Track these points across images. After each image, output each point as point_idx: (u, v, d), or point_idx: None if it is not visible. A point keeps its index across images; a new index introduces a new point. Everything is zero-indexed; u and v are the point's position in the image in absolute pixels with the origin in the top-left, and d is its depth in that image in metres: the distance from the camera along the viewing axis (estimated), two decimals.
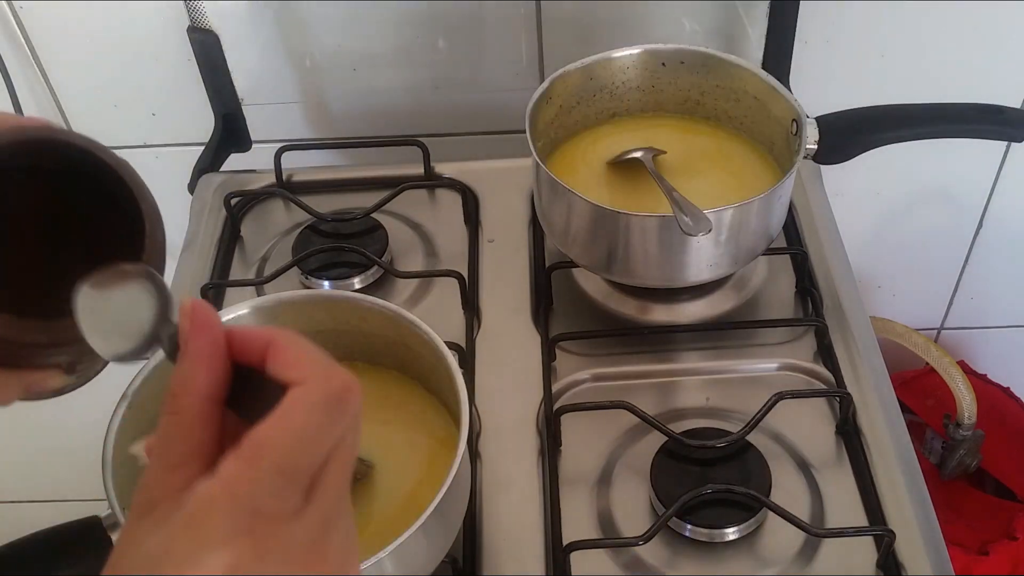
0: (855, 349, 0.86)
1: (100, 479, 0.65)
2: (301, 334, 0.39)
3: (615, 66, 0.93)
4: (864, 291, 1.05)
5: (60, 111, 1.16)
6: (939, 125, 0.87)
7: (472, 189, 1.02)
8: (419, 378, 0.76)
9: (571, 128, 0.95)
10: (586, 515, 0.77)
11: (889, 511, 0.74)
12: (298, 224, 0.99)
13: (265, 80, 1.11)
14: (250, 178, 1.06)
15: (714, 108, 0.95)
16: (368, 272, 0.93)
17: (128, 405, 0.69)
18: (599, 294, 0.92)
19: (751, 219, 0.82)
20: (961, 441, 1.30)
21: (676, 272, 0.84)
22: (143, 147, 1.19)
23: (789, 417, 0.81)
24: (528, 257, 0.96)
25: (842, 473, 0.78)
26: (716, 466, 0.76)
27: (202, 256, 0.98)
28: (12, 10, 1.07)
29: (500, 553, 0.74)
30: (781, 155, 0.90)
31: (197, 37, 1.04)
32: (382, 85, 1.12)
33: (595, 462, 0.80)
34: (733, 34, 1.08)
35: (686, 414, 0.83)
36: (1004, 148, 1.19)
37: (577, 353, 0.87)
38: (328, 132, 1.17)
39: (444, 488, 0.62)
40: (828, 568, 0.72)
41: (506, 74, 1.11)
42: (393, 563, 0.61)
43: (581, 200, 0.81)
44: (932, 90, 1.11)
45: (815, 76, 1.10)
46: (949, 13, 1.06)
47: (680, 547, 0.74)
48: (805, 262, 0.92)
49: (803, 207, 0.99)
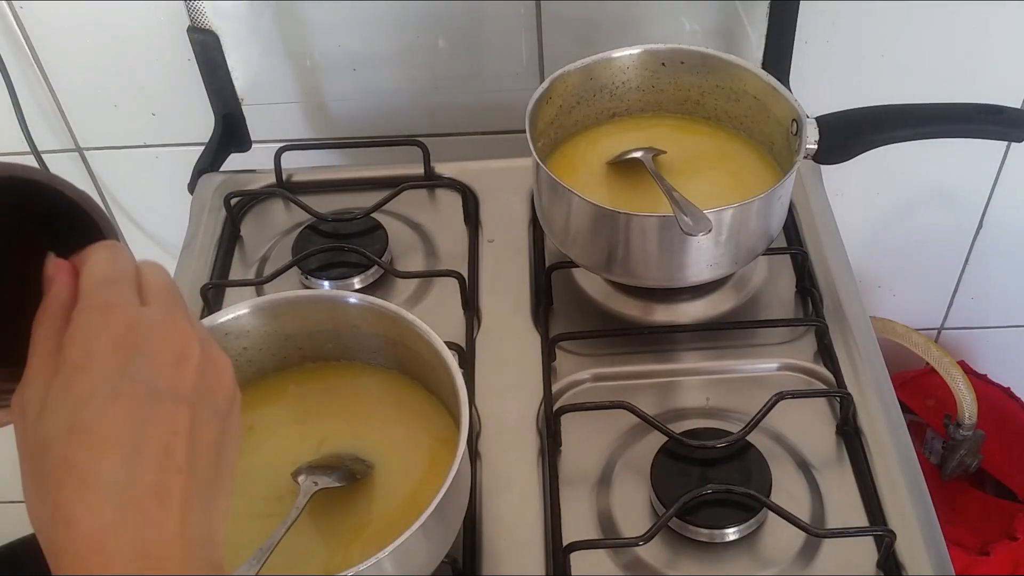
0: (855, 349, 0.86)
1: None
2: (301, 334, 0.42)
3: (615, 66, 0.93)
4: (864, 291, 1.05)
5: (60, 111, 1.16)
6: (939, 125, 0.87)
7: (472, 189, 1.02)
8: (419, 378, 0.76)
9: (571, 128, 0.95)
10: (586, 515, 0.76)
11: (889, 511, 0.74)
12: (298, 224, 0.99)
13: (265, 80, 1.11)
14: (250, 178, 1.06)
15: (714, 108, 0.95)
16: (368, 272, 0.93)
17: None
18: (599, 294, 0.92)
19: (751, 219, 0.82)
20: (962, 441, 1.30)
21: (676, 272, 0.84)
22: (143, 147, 1.20)
23: (789, 417, 0.81)
24: (528, 257, 0.95)
25: (842, 473, 0.78)
26: (716, 466, 0.76)
27: (202, 256, 0.98)
28: (12, 10, 1.07)
29: (500, 553, 0.74)
30: (781, 155, 0.90)
31: (197, 37, 1.04)
32: (382, 85, 1.12)
33: (595, 462, 0.80)
34: (733, 34, 1.08)
35: (686, 414, 0.83)
36: (1004, 148, 1.19)
37: (577, 353, 0.87)
38: (328, 132, 1.17)
39: (444, 488, 0.62)
40: (828, 568, 0.72)
41: (506, 74, 1.11)
42: (393, 563, 0.61)
43: (581, 200, 0.81)
44: (932, 90, 1.11)
45: (815, 76, 1.10)
46: (949, 13, 1.06)
47: (680, 547, 0.74)
48: (805, 262, 0.92)
49: (803, 207, 0.99)
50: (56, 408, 0.41)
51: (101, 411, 0.41)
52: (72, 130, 1.17)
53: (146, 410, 0.42)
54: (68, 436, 0.41)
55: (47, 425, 0.41)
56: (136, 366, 0.42)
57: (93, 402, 0.41)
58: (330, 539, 0.69)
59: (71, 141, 1.18)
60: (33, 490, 0.41)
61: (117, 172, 1.23)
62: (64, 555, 0.40)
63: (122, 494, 0.40)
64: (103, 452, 0.40)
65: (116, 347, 0.42)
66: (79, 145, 1.19)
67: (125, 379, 0.42)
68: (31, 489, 0.42)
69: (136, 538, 0.40)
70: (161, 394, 0.42)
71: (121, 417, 0.41)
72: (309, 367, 0.79)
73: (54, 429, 0.41)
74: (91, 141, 1.19)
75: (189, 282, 0.95)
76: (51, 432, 0.41)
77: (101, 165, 1.22)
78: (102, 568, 0.39)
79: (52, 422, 0.41)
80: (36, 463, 0.41)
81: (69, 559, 0.39)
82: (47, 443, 0.41)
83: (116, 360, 0.42)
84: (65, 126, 1.17)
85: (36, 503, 0.41)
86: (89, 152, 1.20)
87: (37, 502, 0.41)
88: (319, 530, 0.69)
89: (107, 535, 0.40)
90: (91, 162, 1.21)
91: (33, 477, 0.42)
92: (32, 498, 0.42)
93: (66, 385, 0.41)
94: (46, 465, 0.41)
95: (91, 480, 0.40)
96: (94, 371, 0.41)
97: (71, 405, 0.41)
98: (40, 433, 0.41)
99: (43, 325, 0.44)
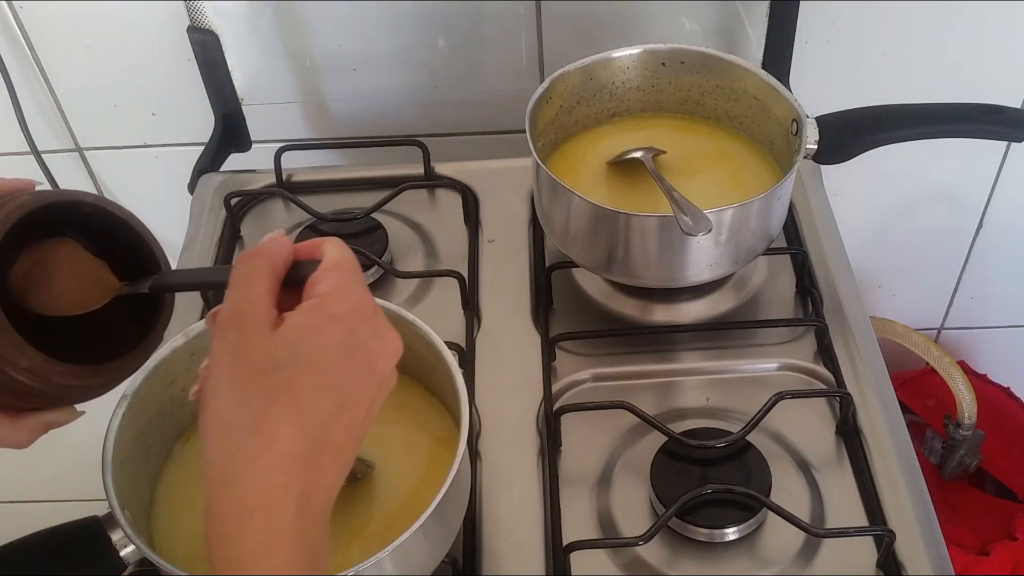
0: (855, 349, 0.86)
1: (100, 479, 0.65)
2: None
3: (615, 66, 0.93)
4: (864, 291, 1.05)
5: (60, 111, 1.16)
6: (939, 125, 0.87)
7: (472, 189, 1.02)
8: (419, 378, 0.76)
9: (571, 128, 0.95)
10: (586, 515, 0.77)
11: (889, 511, 0.74)
12: (298, 224, 0.99)
13: (265, 80, 1.11)
14: (250, 178, 1.06)
15: (714, 108, 0.95)
16: (368, 272, 0.93)
17: (128, 405, 0.69)
18: (599, 294, 0.92)
19: (751, 219, 0.82)
20: (961, 441, 1.30)
21: (676, 272, 0.84)
22: (143, 147, 1.19)
23: (789, 417, 0.81)
24: (528, 257, 0.95)
25: (842, 473, 0.78)
26: (716, 466, 0.76)
27: (202, 256, 0.98)
28: (12, 10, 1.07)
29: (500, 553, 0.74)
30: (781, 155, 0.90)
31: (197, 37, 1.04)
32: (382, 85, 1.12)
33: (595, 462, 0.80)
34: (733, 34, 1.08)
35: (686, 414, 0.83)
36: (1004, 148, 1.19)
37: (577, 353, 0.87)
38: (328, 132, 1.17)
39: (444, 488, 0.62)
40: (828, 568, 0.72)
41: (506, 74, 1.11)
42: (393, 563, 0.61)
43: (581, 200, 0.81)
44: (932, 90, 1.11)
45: (815, 76, 1.10)
46: (949, 13, 1.06)
47: (680, 547, 0.74)
48: (805, 262, 0.92)
49: (803, 207, 0.99)
50: (299, 340, 0.46)
51: (336, 362, 0.47)
52: (72, 130, 1.17)
53: (362, 380, 0.48)
54: (301, 367, 0.46)
55: (284, 349, 0.46)
56: (371, 342, 0.49)
57: (333, 352, 0.47)
58: (330, 539, 0.69)
59: (71, 141, 1.18)
60: (235, 392, 0.46)
61: (117, 172, 1.23)
62: (254, 462, 0.44)
63: (319, 435, 0.46)
64: (324, 394, 0.46)
65: (364, 318, 0.49)
66: (79, 145, 1.19)
67: (359, 347, 0.48)
68: (231, 392, 0.46)
69: (310, 478, 0.45)
70: (374, 373, 0.49)
71: (345, 375, 0.47)
72: None
73: (290, 356, 0.46)
74: (91, 141, 1.19)
75: None
76: (286, 357, 0.46)
77: (101, 165, 1.22)
78: (283, 490, 0.44)
79: (291, 350, 0.46)
80: (255, 374, 0.46)
81: (258, 467, 0.44)
82: (278, 364, 0.46)
83: (362, 328, 0.48)
84: (65, 126, 1.17)
85: (233, 405, 0.45)
86: (89, 152, 1.20)
87: (235, 405, 0.45)
88: None
89: (295, 463, 0.45)
90: (91, 162, 1.21)
91: (243, 384, 0.46)
92: (228, 400, 0.46)
93: (317, 327, 0.47)
94: (267, 380, 0.45)
95: (305, 411, 0.45)
96: (344, 328, 0.47)
97: (314, 345, 0.46)
98: (272, 352, 0.46)
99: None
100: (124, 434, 0.68)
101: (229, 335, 0.47)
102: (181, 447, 0.75)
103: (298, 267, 0.50)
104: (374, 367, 0.49)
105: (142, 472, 0.71)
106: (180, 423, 0.75)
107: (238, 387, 0.46)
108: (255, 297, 0.48)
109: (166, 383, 0.73)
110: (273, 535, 0.44)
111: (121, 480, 0.66)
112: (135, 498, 0.68)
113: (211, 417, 0.46)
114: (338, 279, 0.49)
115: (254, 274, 0.48)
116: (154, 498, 0.72)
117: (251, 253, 0.50)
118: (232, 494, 0.44)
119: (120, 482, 0.65)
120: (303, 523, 0.45)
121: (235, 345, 0.47)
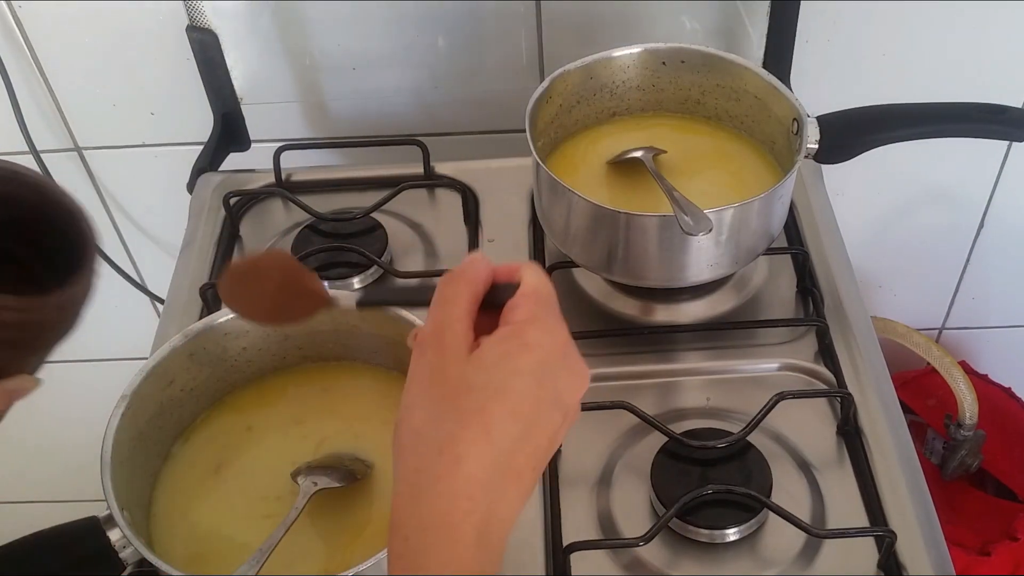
0: (856, 349, 0.85)
1: (99, 479, 0.65)
2: (300, 334, 0.44)
3: (615, 65, 0.93)
4: (865, 291, 1.04)
5: (59, 111, 1.15)
6: (940, 125, 0.87)
7: (472, 189, 1.02)
8: None
9: (571, 128, 0.95)
10: (586, 515, 0.76)
11: (890, 512, 0.74)
12: (297, 224, 0.99)
13: (264, 79, 1.11)
14: (249, 177, 1.06)
15: (715, 107, 0.94)
16: (368, 272, 0.93)
17: (127, 405, 0.69)
18: (599, 294, 0.92)
19: (752, 219, 0.82)
20: (962, 441, 1.30)
21: (676, 272, 0.84)
22: (142, 146, 1.19)
23: (790, 417, 0.81)
24: (528, 257, 0.95)
25: (843, 473, 0.78)
26: (717, 466, 0.76)
27: (201, 256, 0.98)
28: (12, 10, 1.07)
29: None
30: (782, 154, 0.89)
31: (196, 36, 1.04)
32: (382, 84, 1.12)
33: (595, 462, 0.80)
34: (734, 33, 1.07)
35: (686, 414, 0.83)
36: (1005, 148, 1.19)
37: None
38: (327, 132, 1.17)
39: None
40: (829, 569, 0.72)
41: (506, 74, 1.11)
42: None
43: (581, 200, 0.81)
44: (933, 90, 1.10)
45: (816, 75, 1.10)
46: (950, 13, 1.06)
47: (680, 548, 0.74)
48: (806, 262, 0.92)
49: (804, 207, 0.98)
50: (493, 365, 0.48)
51: (526, 389, 0.48)
52: (71, 130, 1.17)
53: (549, 410, 0.49)
54: (493, 392, 0.47)
55: (478, 373, 0.48)
56: (562, 373, 0.50)
57: (525, 379, 0.48)
58: (330, 539, 0.69)
59: (70, 141, 1.18)
60: (429, 410, 0.48)
61: (116, 172, 1.23)
62: (439, 482, 0.46)
63: (503, 461, 0.47)
64: (513, 420, 0.47)
65: (557, 348, 0.50)
66: (78, 145, 1.19)
67: (549, 377, 0.49)
68: (425, 409, 0.48)
69: (491, 506, 0.46)
70: (560, 404, 0.49)
71: (534, 403, 0.48)
72: (308, 367, 0.79)
73: (484, 380, 0.47)
74: (90, 141, 1.19)
75: (188, 282, 0.94)
76: (480, 380, 0.47)
77: (100, 165, 1.22)
78: (464, 515, 0.46)
79: (485, 374, 0.48)
80: (450, 394, 0.48)
81: (441, 487, 0.46)
82: (472, 386, 0.47)
83: (554, 358, 0.49)
84: (64, 126, 1.17)
85: (426, 422, 0.47)
86: (88, 152, 1.20)
87: (428, 422, 0.47)
88: (319, 530, 0.69)
89: (477, 488, 0.46)
90: (90, 162, 1.21)
91: (438, 402, 0.48)
92: (421, 416, 0.48)
93: (511, 354, 0.48)
94: (461, 402, 0.47)
95: (493, 436, 0.47)
96: (536, 357, 0.48)
97: (508, 371, 0.48)
98: (467, 374, 0.48)
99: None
100: (123, 434, 0.68)
101: (428, 354, 0.49)
102: (180, 447, 0.75)
103: (496, 290, 0.52)
104: (561, 398, 0.50)
105: (141, 472, 0.71)
106: (179, 423, 0.75)
107: (434, 404, 0.48)
108: (455, 319, 0.49)
109: (165, 383, 0.72)
110: (454, 559, 0.45)
111: (120, 480, 0.65)
112: (134, 498, 0.68)
113: (405, 430, 0.48)
114: (535, 307, 0.50)
115: (457, 297, 0.50)
116: (153, 498, 0.72)
117: (454, 275, 0.51)
118: (416, 512, 0.46)
119: (119, 482, 0.65)
120: (480, 550, 0.46)
121: (433, 364, 0.49)
